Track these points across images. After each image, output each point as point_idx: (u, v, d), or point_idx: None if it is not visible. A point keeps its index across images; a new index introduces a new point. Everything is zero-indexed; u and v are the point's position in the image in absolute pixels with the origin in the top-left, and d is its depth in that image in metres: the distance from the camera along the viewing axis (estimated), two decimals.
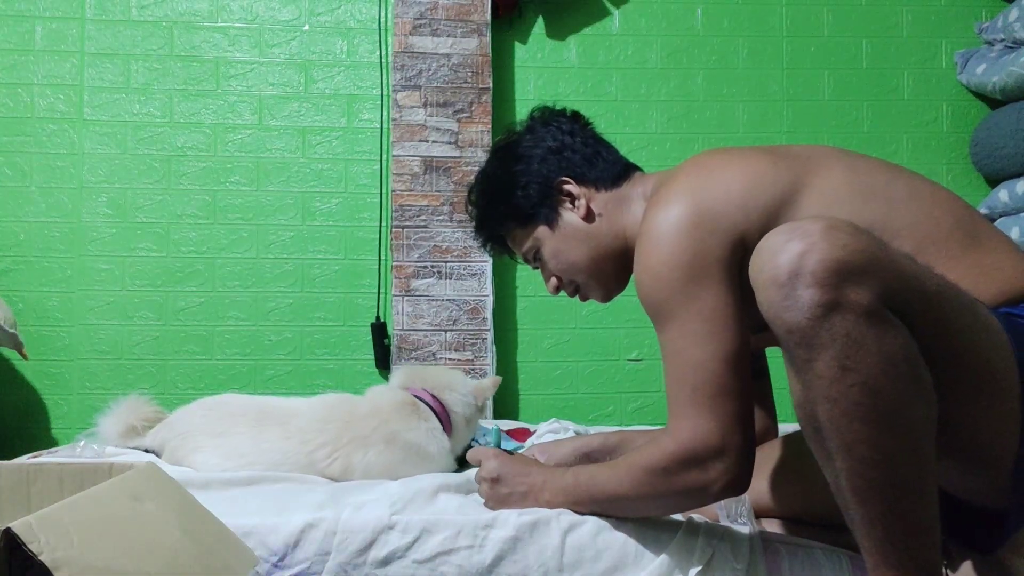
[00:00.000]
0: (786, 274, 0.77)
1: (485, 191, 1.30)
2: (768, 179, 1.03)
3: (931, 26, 2.52)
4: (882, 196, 1.01)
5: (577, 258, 1.22)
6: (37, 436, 2.28)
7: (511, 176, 1.24)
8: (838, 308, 0.75)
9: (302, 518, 1.14)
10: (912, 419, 0.77)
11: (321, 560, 1.12)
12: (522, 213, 1.24)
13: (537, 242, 1.25)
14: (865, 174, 1.04)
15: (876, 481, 0.78)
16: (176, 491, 0.97)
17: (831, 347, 0.76)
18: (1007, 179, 2.37)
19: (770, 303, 0.80)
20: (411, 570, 1.12)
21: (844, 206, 0.99)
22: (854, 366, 0.75)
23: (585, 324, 2.42)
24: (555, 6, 2.45)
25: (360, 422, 1.44)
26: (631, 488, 1.04)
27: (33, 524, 0.72)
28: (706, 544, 1.11)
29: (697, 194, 1.03)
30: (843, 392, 0.77)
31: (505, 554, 1.12)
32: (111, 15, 2.37)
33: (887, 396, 0.76)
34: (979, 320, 0.84)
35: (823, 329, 0.76)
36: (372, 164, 2.39)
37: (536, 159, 1.23)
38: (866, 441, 0.77)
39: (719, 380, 0.97)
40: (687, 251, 0.99)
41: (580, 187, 1.21)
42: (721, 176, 1.05)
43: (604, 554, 1.12)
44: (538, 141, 1.24)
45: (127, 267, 2.34)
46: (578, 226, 1.21)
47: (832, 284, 0.75)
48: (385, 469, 1.41)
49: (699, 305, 0.98)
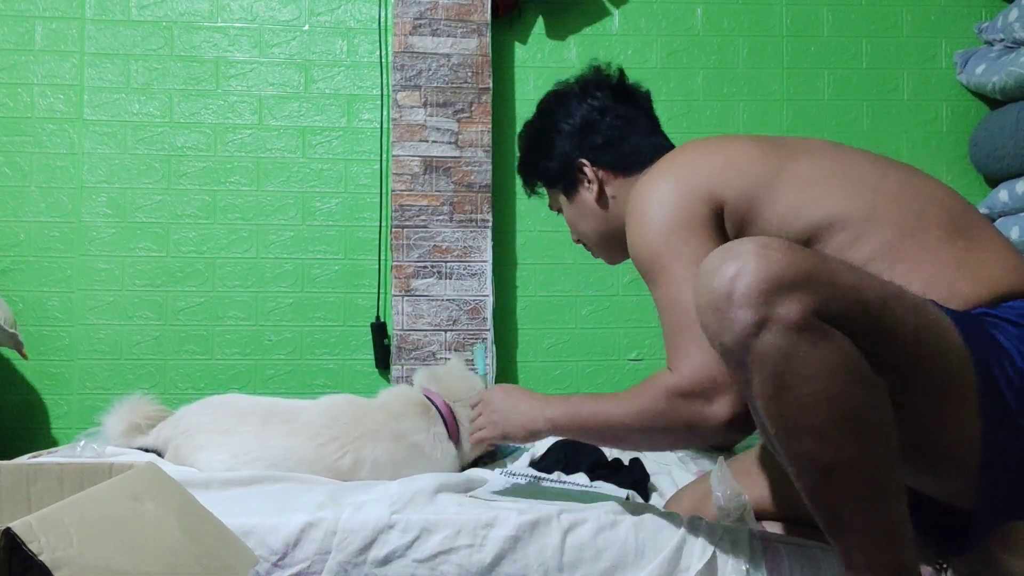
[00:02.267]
0: (720, 297, 0.78)
1: (525, 143, 1.40)
2: (751, 159, 1.08)
3: (931, 26, 2.52)
4: (868, 186, 1.02)
5: (587, 231, 1.34)
6: (37, 436, 2.28)
7: (543, 141, 1.33)
8: (768, 325, 0.75)
9: (302, 518, 1.14)
10: (862, 425, 0.76)
11: (321, 560, 1.12)
12: (547, 177, 1.36)
13: (558, 203, 1.38)
14: (854, 164, 1.06)
15: (830, 490, 0.78)
16: (176, 491, 0.97)
17: (766, 365, 0.76)
18: (1007, 179, 2.37)
19: (707, 327, 0.81)
20: (411, 569, 1.12)
21: (816, 189, 1.03)
22: (791, 382, 0.75)
23: (585, 324, 2.42)
24: (555, 6, 2.45)
25: (370, 417, 1.45)
26: (635, 418, 1.06)
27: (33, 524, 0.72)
28: (706, 544, 1.11)
29: (685, 168, 1.11)
30: (784, 408, 0.77)
31: (505, 553, 1.12)
32: (111, 15, 2.37)
33: (830, 407, 0.75)
34: (927, 324, 0.83)
35: (756, 348, 0.76)
36: (372, 164, 2.39)
37: (563, 135, 1.30)
38: (815, 453, 0.77)
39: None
40: (672, 211, 1.06)
41: (596, 170, 1.28)
42: (708, 155, 1.11)
43: (604, 553, 1.12)
44: (572, 112, 1.30)
45: (127, 267, 2.34)
46: (591, 205, 1.30)
47: (762, 302, 0.75)
48: (391, 466, 1.41)
49: (685, 257, 1.03)
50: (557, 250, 2.43)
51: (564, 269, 2.42)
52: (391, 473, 1.40)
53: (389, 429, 1.44)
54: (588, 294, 2.42)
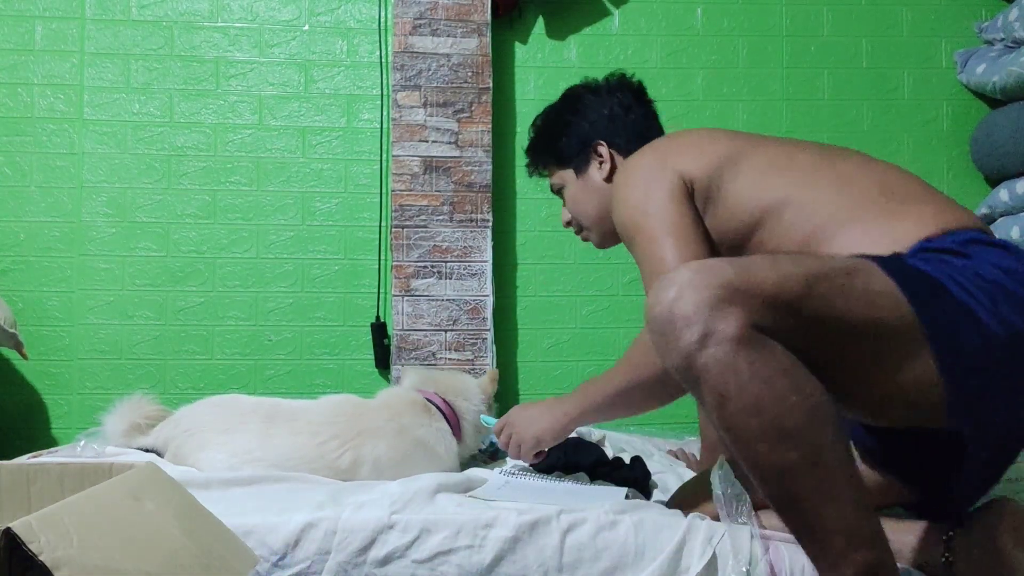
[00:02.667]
0: (663, 321, 0.84)
1: (542, 125, 1.54)
2: (717, 146, 1.25)
3: (931, 26, 2.52)
4: (814, 171, 1.17)
5: (589, 207, 1.46)
6: (37, 436, 2.28)
7: (564, 123, 1.48)
8: (708, 342, 0.81)
9: (302, 518, 1.14)
10: (804, 431, 0.80)
11: (321, 560, 1.12)
12: (560, 155, 1.48)
13: (563, 181, 1.50)
14: (803, 152, 1.22)
15: (790, 494, 0.82)
16: (176, 491, 0.97)
17: (708, 379, 0.81)
18: (1007, 179, 2.37)
19: (657, 350, 0.86)
20: (411, 570, 1.12)
21: (770, 173, 1.19)
22: (733, 393, 0.80)
23: (585, 324, 2.42)
24: (555, 6, 2.45)
25: (371, 414, 1.46)
26: (635, 372, 1.19)
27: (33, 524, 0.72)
28: (706, 544, 1.11)
29: (660, 149, 1.29)
30: (731, 418, 0.81)
31: (505, 554, 1.12)
32: (111, 15, 2.37)
33: (771, 414, 0.79)
34: (859, 287, 0.88)
35: (699, 362, 0.81)
36: (372, 164, 2.39)
37: (589, 119, 1.45)
38: (767, 458, 0.81)
39: (680, 251, 1.15)
40: (647, 181, 1.23)
41: (613, 153, 1.43)
42: (681, 140, 1.31)
43: (604, 554, 1.12)
44: (599, 104, 1.46)
45: (127, 267, 2.34)
46: (598, 183, 1.44)
47: (699, 321, 0.81)
48: (393, 462, 1.42)
49: (659, 218, 1.19)
50: (557, 250, 2.43)
51: (564, 269, 2.43)
52: (393, 470, 1.41)
53: (391, 426, 1.45)
54: (588, 294, 2.42)
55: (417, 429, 1.46)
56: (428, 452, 1.46)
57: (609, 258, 2.43)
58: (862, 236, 1.05)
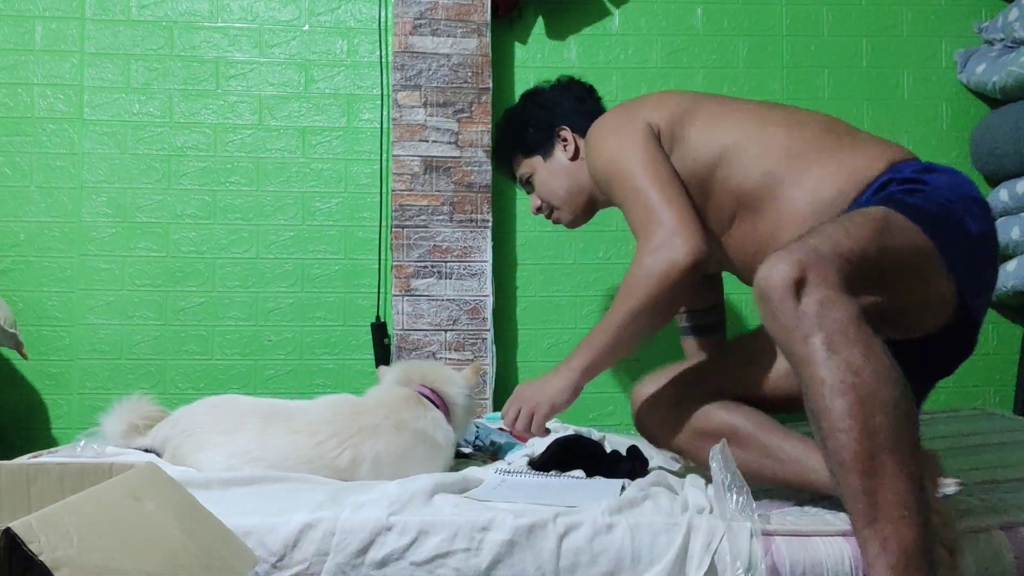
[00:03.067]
0: (778, 288, 0.96)
1: (506, 122, 1.72)
2: (676, 98, 1.47)
3: (931, 26, 2.52)
4: (762, 116, 1.40)
5: (558, 187, 1.63)
6: (37, 436, 2.28)
7: (527, 115, 1.66)
8: (821, 305, 0.94)
9: (301, 518, 1.15)
10: (895, 400, 0.92)
11: (320, 561, 1.12)
12: (526, 145, 1.65)
13: (532, 169, 1.66)
14: (748, 103, 1.47)
15: (867, 452, 0.91)
16: (176, 491, 0.97)
17: (818, 334, 0.93)
18: (1007, 178, 2.37)
19: (769, 312, 0.98)
20: (409, 572, 1.12)
21: (724, 121, 1.39)
22: (842, 349, 0.92)
23: (585, 324, 2.42)
24: (555, 6, 2.45)
25: (368, 413, 1.47)
26: (631, 303, 1.29)
27: (33, 524, 0.72)
28: (704, 551, 1.10)
29: (624, 105, 1.49)
30: (836, 370, 0.92)
31: (502, 557, 1.12)
32: (111, 15, 2.37)
33: (866, 375, 0.91)
34: (896, 234, 1.07)
35: (810, 322, 0.94)
36: (372, 164, 2.39)
37: (549, 108, 1.64)
38: (855, 417, 0.91)
39: (661, 195, 1.31)
40: (619, 130, 1.40)
41: (575, 136, 1.61)
42: (643, 98, 1.51)
43: (600, 558, 1.12)
44: (556, 95, 1.67)
45: (127, 267, 2.34)
46: (565, 163, 1.62)
47: (807, 301, 0.94)
48: (394, 457, 1.42)
49: (632, 158, 1.36)
50: (557, 250, 2.43)
51: (564, 269, 2.43)
52: (394, 466, 1.41)
53: (389, 422, 1.45)
54: (588, 294, 2.42)
55: (416, 422, 1.48)
56: (429, 443, 1.48)
57: (609, 258, 2.43)
58: (820, 171, 1.28)
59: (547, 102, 1.66)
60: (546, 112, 1.64)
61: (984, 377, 2.45)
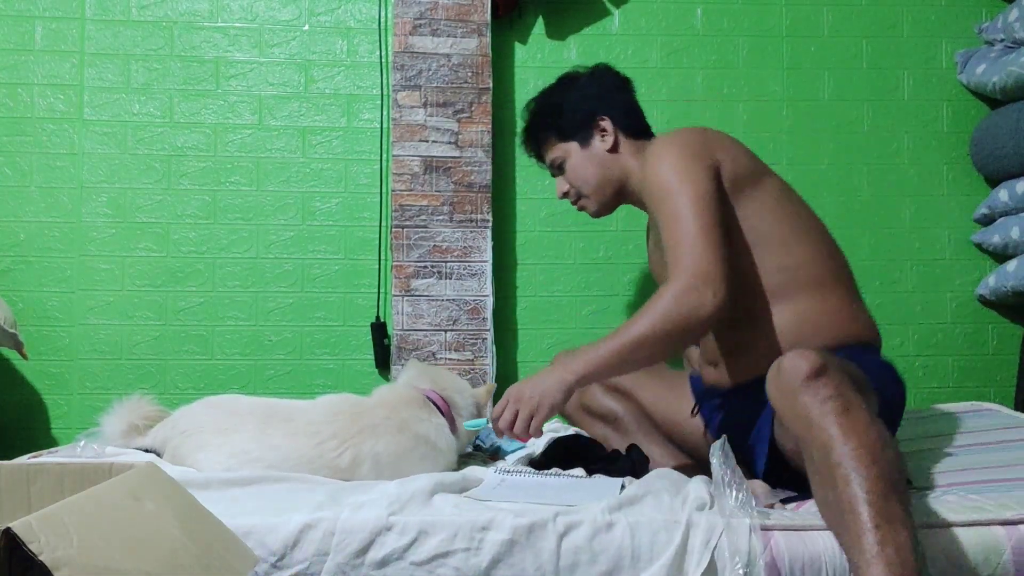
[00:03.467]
0: (804, 371, 1.12)
1: (543, 105, 1.69)
2: (749, 157, 1.51)
3: (931, 26, 2.52)
4: (807, 225, 1.51)
5: (591, 176, 1.63)
6: (37, 436, 2.28)
7: (566, 100, 1.65)
8: (832, 396, 1.10)
9: (301, 518, 1.15)
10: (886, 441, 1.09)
11: (319, 561, 1.12)
12: (563, 130, 1.64)
13: (565, 154, 1.65)
14: (803, 205, 1.53)
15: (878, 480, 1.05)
16: (176, 491, 0.97)
17: (835, 402, 1.09)
18: (1007, 179, 2.37)
19: (791, 388, 1.13)
20: (409, 572, 1.12)
21: (778, 208, 1.47)
22: (853, 427, 1.07)
23: (585, 324, 2.42)
24: (555, 6, 2.45)
25: (370, 413, 1.46)
26: (648, 328, 1.33)
27: (33, 524, 0.72)
28: (704, 547, 1.11)
29: (699, 132, 1.52)
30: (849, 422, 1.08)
31: (502, 557, 1.12)
32: (111, 15, 2.37)
33: (870, 437, 1.07)
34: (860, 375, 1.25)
35: (825, 406, 1.09)
36: (372, 164, 2.40)
37: (590, 96, 1.63)
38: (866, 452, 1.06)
39: (708, 234, 1.35)
40: (686, 154, 1.43)
41: (613, 127, 1.61)
42: (717, 135, 1.54)
43: (600, 557, 1.12)
44: (595, 83, 1.66)
45: (127, 267, 2.34)
46: (602, 153, 1.62)
47: (825, 383, 1.11)
48: (394, 458, 1.42)
49: (695, 187, 1.39)
50: (557, 250, 2.43)
51: (564, 269, 2.43)
52: (394, 466, 1.41)
53: (391, 422, 1.45)
54: (588, 294, 2.42)
55: (417, 425, 1.47)
56: (429, 447, 1.47)
57: (609, 258, 2.43)
58: (821, 307, 1.43)
59: (589, 89, 1.65)
60: (588, 99, 1.63)
61: (984, 377, 2.45)
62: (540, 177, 2.43)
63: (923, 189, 2.49)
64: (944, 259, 2.48)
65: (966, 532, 1.15)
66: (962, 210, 2.49)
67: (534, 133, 1.70)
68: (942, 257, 2.48)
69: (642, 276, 2.42)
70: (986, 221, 2.45)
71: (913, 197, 2.49)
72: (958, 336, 2.46)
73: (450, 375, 1.67)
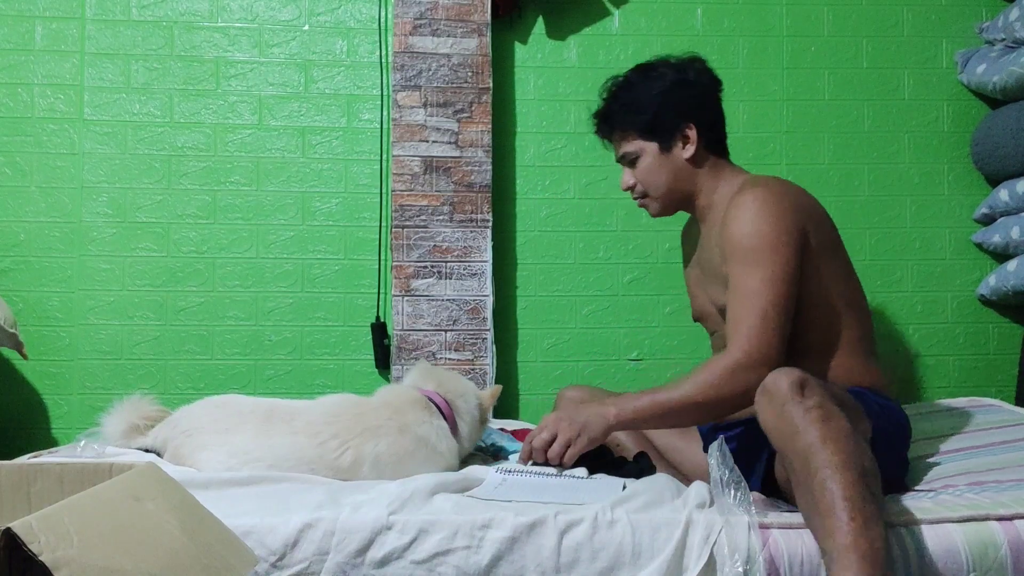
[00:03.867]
0: (784, 387, 1.18)
1: (631, 98, 1.60)
2: (830, 226, 1.53)
3: (931, 26, 2.52)
4: (856, 293, 1.56)
5: (663, 181, 1.60)
6: (37, 436, 2.28)
7: (656, 99, 1.57)
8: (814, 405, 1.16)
9: (301, 518, 1.15)
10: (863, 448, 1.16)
11: (320, 560, 1.12)
12: (647, 128, 1.58)
13: (641, 151, 1.60)
14: (854, 275, 1.57)
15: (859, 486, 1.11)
16: (176, 491, 0.97)
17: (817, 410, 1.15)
18: (1007, 179, 2.37)
19: (774, 402, 1.18)
20: (409, 571, 1.12)
21: (843, 280, 1.52)
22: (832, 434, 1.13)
23: (585, 324, 2.42)
24: (555, 6, 2.45)
25: (372, 413, 1.46)
26: (698, 395, 1.36)
27: (33, 524, 0.72)
28: (703, 544, 1.11)
29: (790, 193, 1.49)
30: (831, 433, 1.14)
31: (502, 554, 1.12)
32: (111, 15, 2.37)
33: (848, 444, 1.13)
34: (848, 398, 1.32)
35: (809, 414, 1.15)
36: (372, 164, 2.39)
37: (683, 101, 1.58)
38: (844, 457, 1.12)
39: (779, 316, 1.38)
40: (781, 223, 1.41)
41: (698, 137, 1.57)
42: (809, 198, 1.54)
43: (601, 554, 1.12)
44: (691, 88, 1.59)
45: (127, 267, 2.34)
46: (681, 162, 1.58)
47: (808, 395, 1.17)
48: (395, 459, 1.41)
49: (781, 261, 1.39)
50: (557, 250, 2.43)
51: (564, 269, 2.43)
52: (394, 468, 1.40)
53: (393, 423, 1.44)
54: (588, 294, 2.42)
55: (419, 427, 1.46)
56: (430, 450, 1.46)
57: (609, 258, 2.43)
58: (849, 364, 1.49)
59: (684, 93, 1.58)
60: (680, 105, 1.57)
61: (984, 377, 2.45)
62: (540, 177, 2.43)
63: (923, 189, 2.49)
64: (945, 259, 2.48)
65: (963, 528, 1.18)
66: (962, 210, 2.49)
67: (613, 121, 1.63)
68: (943, 257, 2.48)
69: (642, 276, 2.42)
70: (987, 221, 2.45)
71: (913, 197, 2.49)
72: (959, 336, 2.46)
73: (456, 377, 1.66)
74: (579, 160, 2.43)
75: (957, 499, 1.27)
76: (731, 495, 1.15)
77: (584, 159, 2.43)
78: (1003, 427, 1.68)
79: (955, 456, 1.57)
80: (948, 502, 1.25)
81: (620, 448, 1.68)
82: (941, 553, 1.15)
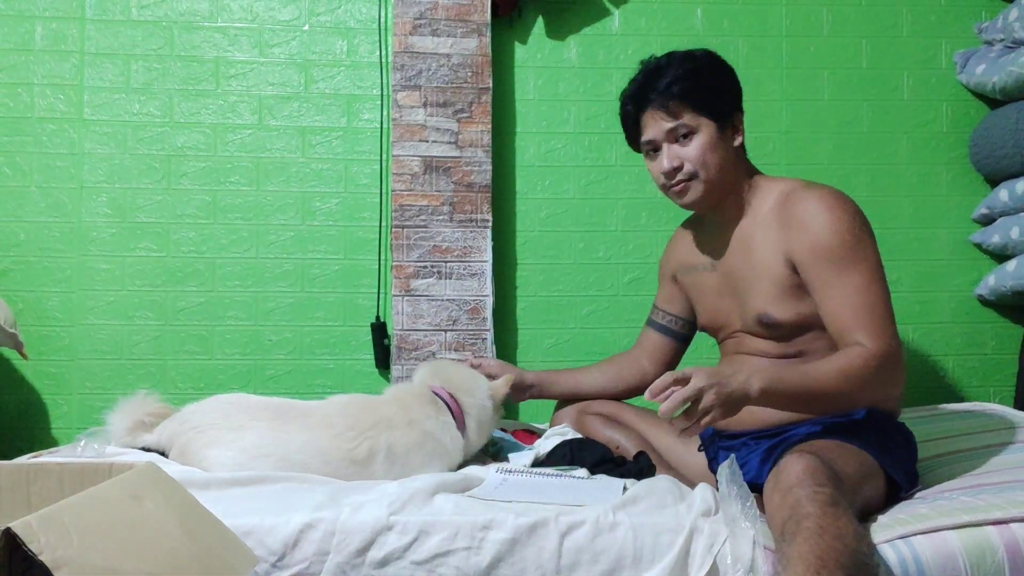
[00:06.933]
0: (799, 475, 1.14)
1: (694, 69, 1.53)
2: None
3: (931, 26, 2.52)
4: None
5: (715, 162, 1.52)
6: (37, 436, 2.28)
7: (727, 81, 1.57)
8: (823, 488, 1.12)
9: (301, 518, 1.15)
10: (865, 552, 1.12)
11: (320, 560, 1.13)
12: (714, 107, 1.52)
13: (698, 129, 1.52)
14: None
15: None
16: (176, 491, 0.97)
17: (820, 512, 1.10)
18: (1007, 179, 2.37)
19: (785, 485, 1.14)
20: (409, 571, 1.12)
21: None
22: (831, 525, 1.08)
23: (585, 324, 2.42)
24: (555, 6, 2.45)
25: (383, 408, 1.52)
26: (842, 381, 1.33)
27: (33, 524, 0.72)
28: (707, 552, 1.11)
29: (853, 203, 1.50)
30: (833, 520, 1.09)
31: (503, 556, 1.12)
32: (111, 15, 2.37)
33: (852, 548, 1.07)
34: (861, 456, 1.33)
35: (817, 504, 1.09)
36: (372, 164, 2.40)
37: (739, 89, 1.58)
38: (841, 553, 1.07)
39: (890, 309, 1.42)
40: (859, 218, 1.46)
41: (743, 132, 1.58)
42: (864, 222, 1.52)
43: (601, 557, 1.12)
44: (736, 81, 1.59)
45: (127, 267, 2.34)
46: (732, 148, 1.55)
47: (819, 487, 1.12)
48: (405, 451, 1.46)
49: (873, 259, 1.44)
50: (557, 250, 2.43)
51: (564, 269, 2.43)
52: (405, 459, 1.45)
53: (401, 417, 1.49)
54: (588, 294, 2.43)
55: (425, 422, 1.51)
56: (436, 444, 1.51)
57: (609, 258, 2.43)
58: None
59: (736, 84, 1.58)
60: (737, 91, 1.58)
61: (984, 377, 2.45)
62: (540, 177, 2.43)
63: (922, 189, 2.49)
64: (943, 259, 2.48)
65: (959, 534, 1.17)
66: (961, 210, 2.49)
67: (673, 88, 1.51)
68: (941, 257, 2.48)
69: (642, 276, 2.42)
70: (985, 221, 2.45)
71: (912, 197, 2.49)
72: (957, 336, 2.46)
73: (466, 373, 1.70)
74: (579, 160, 2.43)
75: (952, 503, 1.26)
76: (738, 508, 1.14)
77: (584, 159, 2.43)
78: (1000, 431, 1.68)
79: (956, 457, 1.57)
80: (944, 507, 1.24)
81: (620, 448, 1.68)
82: (940, 561, 1.14)
